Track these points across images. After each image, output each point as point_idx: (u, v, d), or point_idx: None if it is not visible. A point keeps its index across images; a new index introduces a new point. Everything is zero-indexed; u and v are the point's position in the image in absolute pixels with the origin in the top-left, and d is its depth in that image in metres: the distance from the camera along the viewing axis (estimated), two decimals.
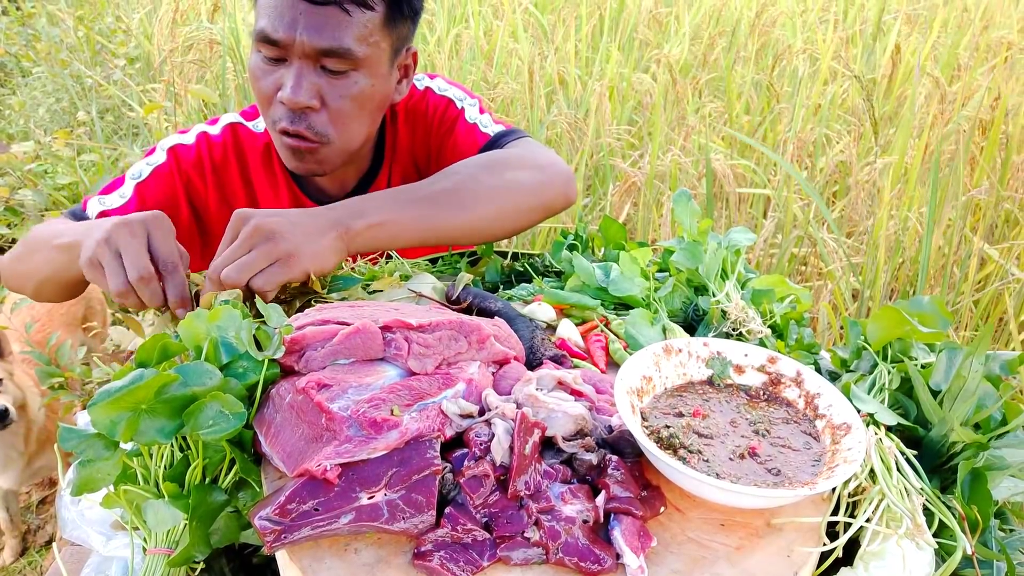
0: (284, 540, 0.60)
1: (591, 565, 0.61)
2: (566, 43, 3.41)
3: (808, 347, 0.97)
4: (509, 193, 1.12)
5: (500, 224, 1.11)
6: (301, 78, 1.07)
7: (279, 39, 1.06)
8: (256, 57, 1.11)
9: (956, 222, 2.40)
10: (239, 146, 1.31)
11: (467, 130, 1.31)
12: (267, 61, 1.10)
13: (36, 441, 2.03)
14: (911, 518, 0.67)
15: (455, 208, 1.06)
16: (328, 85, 1.10)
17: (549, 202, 1.17)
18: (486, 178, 1.11)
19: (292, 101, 1.08)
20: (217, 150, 1.29)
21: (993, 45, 3.36)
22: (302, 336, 0.75)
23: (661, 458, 0.66)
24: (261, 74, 1.11)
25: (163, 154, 1.26)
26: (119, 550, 0.74)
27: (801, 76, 3.04)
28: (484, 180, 1.10)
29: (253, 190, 1.32)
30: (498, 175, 1.12)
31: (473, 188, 1.09)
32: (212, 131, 1.29)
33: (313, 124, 1.11)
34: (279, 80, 1.09)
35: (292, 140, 1.12)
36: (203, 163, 1.28)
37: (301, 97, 1.07)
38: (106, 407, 0.64)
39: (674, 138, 2.98)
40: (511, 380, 0.79)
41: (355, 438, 0.65)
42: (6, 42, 4.79)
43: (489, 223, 1.09)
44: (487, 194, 1.09)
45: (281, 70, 1.09)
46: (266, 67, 1.10)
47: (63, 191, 3.44)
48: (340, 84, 1.10)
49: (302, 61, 1.07)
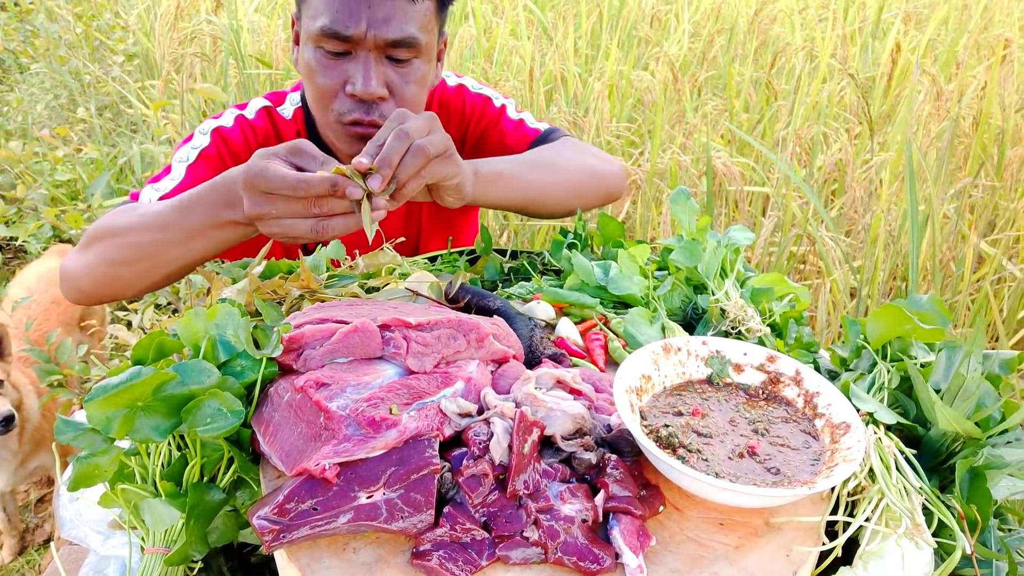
0: (282, 539, 0.60)
1: (590, 564, 0.61)
2: (566, 40, 3.40)
3: (807, 346, 0.97)
4: (586, 174, 1.28)
5: (578, 199, 1.25)
6: (371, 70, 1.11)
7: (349, 35, 1.08)
8: (315, 53, 1.12)
9: (945, 219, 2.40)
10: (277, 130, 1.33)
11: (514, 125, 1.40)
12: (329, 56, 1.12)
13: (31, 440, 2.02)
14: (910, 517, 0.67)
15: (552, 175, 1.21)
16: (395, 74, 1.14)
17: (610, 189, 1.32)
18: (572, 157, 1.27)
19: (367, 93, 1.11)
20: (260, 132, 1.31)
21: (992, 43, 3.35)
22: (300, 335, 0.75)
23: (660, 457, 0.66)
24: (323, 69, 1.13)
25: (206, 137, 1.26)
26: (117, 549, 0.74)
27: (799, 74, 3.04)
28: (570, 159, 1.26)
29: None
30: (579, 158, 1.29)
31: (563, 164, 1.25)
32: (248, 114, 1.31)
33: (385, 112, 1.14)
34: (344, 73, 1.12)
35: (363, 129, 1.15)
36: (249, 144, 1.29)
37: (375, 89, 1.11)
38: (102, 403, 0.64)
39: (674, 136, 2.97)
40: (510, 379, 0.79)
41: (354, 437, 0.65)
42: (4, 38, 4.78)
43: (572, 197, 1.24)
44: (573, 171, 1.25)
45: (344, 64, 1.12)
46: (328, 62, 1.12)
47: (62, 188, 3.43)
48: (405, 72, 1.14)
49: (370, 54, 1.10)
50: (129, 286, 1.08)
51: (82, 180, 3.42)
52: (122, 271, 1.06)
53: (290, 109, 1.34)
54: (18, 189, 3.13)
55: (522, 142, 1.37)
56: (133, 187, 3.37)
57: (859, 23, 3.82)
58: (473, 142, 1.42)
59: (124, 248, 1.04)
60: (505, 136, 1.39)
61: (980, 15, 3.78)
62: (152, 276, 1.05)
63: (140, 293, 1.11)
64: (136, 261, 1.04)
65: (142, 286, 1.07)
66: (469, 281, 1.04)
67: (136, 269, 1.04)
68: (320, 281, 0.98)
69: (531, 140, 1.37)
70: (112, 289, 1.09)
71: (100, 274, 1.08)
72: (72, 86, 4.13)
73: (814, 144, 2.69)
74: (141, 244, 1.02)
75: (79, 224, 2.76)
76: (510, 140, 1.38)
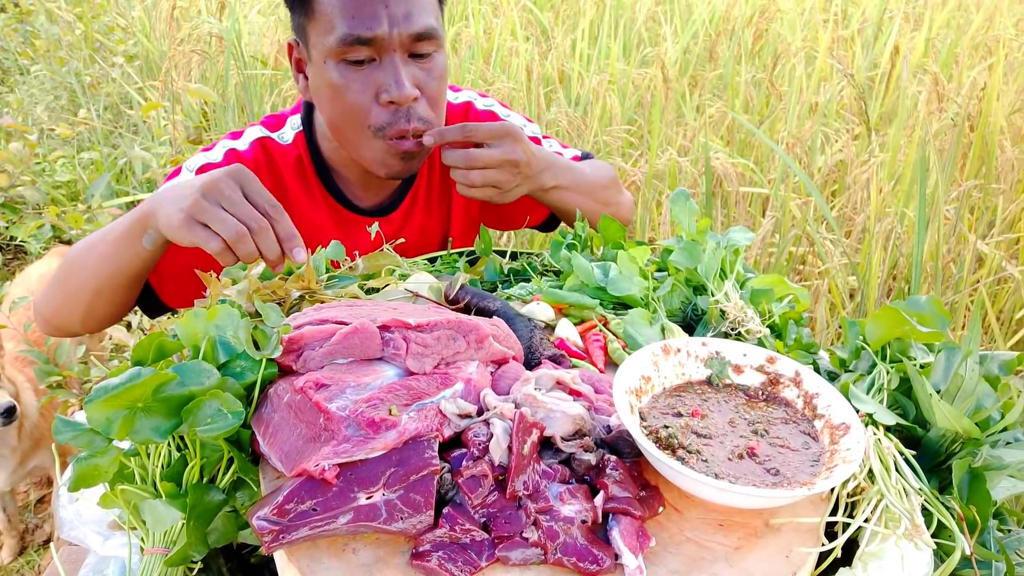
0: (282, 540, 0.60)
1: (589, 565, 0.61)
2: (565, 40, 3.41)
3: (807, 347, 0.97)
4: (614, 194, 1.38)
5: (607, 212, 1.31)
6: (402, 72, 1.07)
7: (373, 36, 1.04)
8: (339, 68, 1.08)
9: (947, 219, 2.40)
10: (271, 161, 1.26)
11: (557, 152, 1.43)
12: (354, 68, 1.07)
13: (30, 438, 2.02)
14: (910, 518, 0.67)
15: (596, 192, 1.31)
16: (421, 71, 1.10)
17: (624, 215, 1.40)
18: (605, 175, 1.36)
19: (403, 97, 1.07)
20: (248, 167, 1.26)
21: (991, 43, 3.36)
22: (300, 335, 0.75)
23: (660, 458, 0.66)
24: (352, 84, 1.08)
25: (191, 175, 1.19)
26: (117, 550, 0.74)
27: (798, 74, 3.04)
28: (605, 176, 1.36)
29: (289, 203, 1.28)
30: (609, 178, 1.37)
31: (603, 182, 1.34)
32: (240, 147, 1.25)
33: (421, 115, 1.11)
34: (375, 84, 1.08)
35: (410, 146, 1.12)
36: None
37: (409, 90, 1.07)
38: (102, 405, 0.64)
39: (672, 136, 2.97)
40: (509, 380, 0.79)
41: (353, 438, 0.65)
42: (4, 39, 4.78)
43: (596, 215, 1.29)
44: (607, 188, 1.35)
45: (372, 73, 1.08)
46: (355, 75, 1.07)
47: (61, 189, 3.43)
48: (429, 67, 1.11)
49: (396, 54, 1.07)
50: (70, 313, 1.12)
51: (82, 181, 3.42)
52: (67, 299, 1.11)
53: (290, 133, 1.28)
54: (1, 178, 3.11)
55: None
56: (133, 188, 3.37)
57: (860, 23, 3.82)
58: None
59: (68, 275, 1.10)
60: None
61: (980, 16, 3.78)
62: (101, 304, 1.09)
63: (84, 322, 1.13)
64: (73, 288, 1.09)
65: (80, 314, 1.12)
66: (469, 282, 1.04)
67: (74, 295, 1.09)
68: (320, 282, 0.98)
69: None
70: (63, 318, 1.14)
71: (55, 304, 1.14)
72: (73, 87, 4.13)
73: (813, 144, 2.69)
74: (75, 271, 1.08)
75: (80, 224, 2.76)
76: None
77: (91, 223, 2.83)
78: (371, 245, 1.16)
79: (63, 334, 1.19)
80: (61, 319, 1.14)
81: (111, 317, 1.14)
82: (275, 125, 1.29)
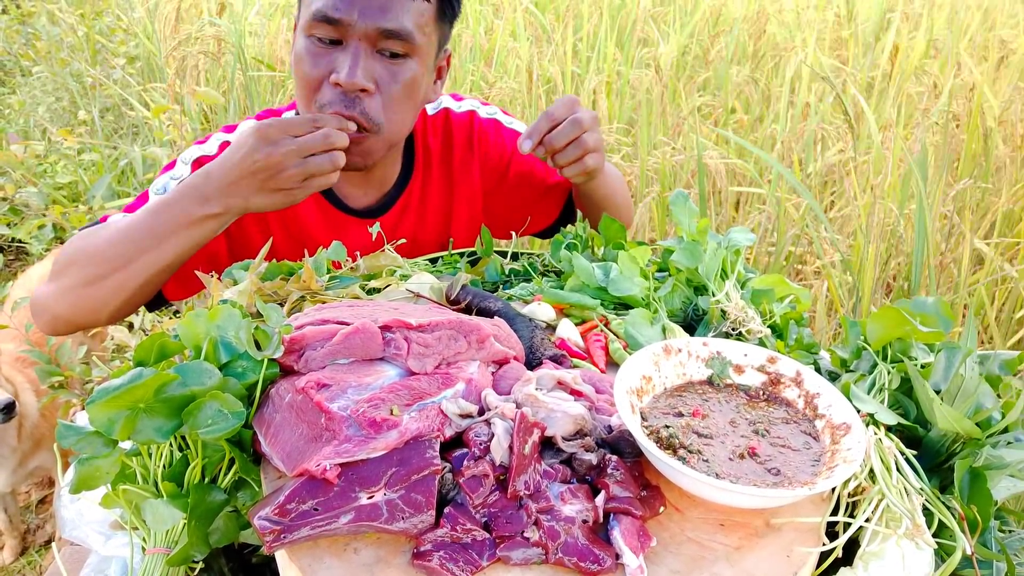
0: (283, 540, 0.60)
1: (590, 565, 0.61)
2: (564, 41, 3.40)
3: (808, 347, 0.97)
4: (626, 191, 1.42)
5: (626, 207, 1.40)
6: (358, 59, 1.07)
7: (341, 18, 1.05)
8: (306, 42, 1.09)
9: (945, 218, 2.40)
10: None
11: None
12: (319, 44, 1.08)
13: (30, 438, 2.02)
14: (911, 518, 0.67)
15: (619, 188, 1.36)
16: (384, 69, 1.10)
17: (631, 216, 1.45)
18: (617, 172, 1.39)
19: (350, 83, 1.07)
20: None
21: (991, 44, 3.35)
22: (301, 336, 0.75)
23: (661, 458, 0.66)
24: (312, 58, 1.09)
25: (187, 167, 1.23)
26: (118, 549, 0.74)
27: (792, 76, 3.04)
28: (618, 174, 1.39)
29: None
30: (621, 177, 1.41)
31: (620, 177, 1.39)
32: (233, 138, 1.25)
33: (367, 109, 1.10)
34: (332, 63, 1.08)
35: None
36: None
37: (359, 78, 1.07)
38: (104, 405, 0.64)
39: (667, 135, 2.97)
40: (511, 380, 0.79)
41: (354, 438, 0.65)
42: (6, 41, 4.79)
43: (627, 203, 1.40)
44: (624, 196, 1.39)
45: (334, 53, 1.08)
46: (318, 50, 1.09)
47: (63, 190, 3.44)
48: (395, 69, 1.10)
49: (361, 43, 1.07)
50: (104, 304, 1.08)
51: (83, 182, 3.43)
52: (96, 289, 1.07)
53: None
54: (7, 188, 3.12)
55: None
56: (135, 189, 3.38)
57: (861, 24, 3.82)
58: (514, 178, 1.40)
59: (96, 264, 1.06)
60: (551, 170, 1.36)
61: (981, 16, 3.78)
62: (127, 287, 1.06)
63: (115, 312, 1.10)
64: (109, 274, 1.05)
65: (117, 302, 1.08)
66: (470, 282, 1.05)
67: (110, 283, 1.06)
68: (321, 282, 0.98)
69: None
70: (87, 311, 1.10)
71: (75, 296, 1.09)
72: (74, 89, 4.14)
73: (807, 144, 2.69)
74: (113, 256, 1.05)
75: (83, 224, 2.76)
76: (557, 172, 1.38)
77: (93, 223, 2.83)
78: (362, 246, 1.16)
79: (75, 329, 1.15)
80: (83, 314, 1.11)
81: (137, 306, 1.13)
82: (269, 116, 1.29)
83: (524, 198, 1.43)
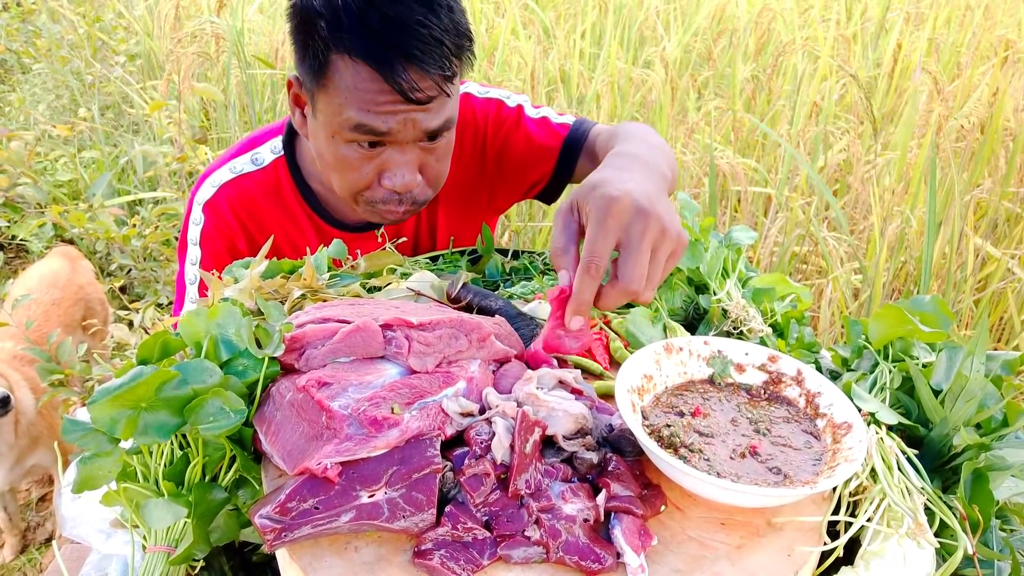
0: (284, 538, 0.60)
1: (591, 564, 0.61)
2: (567, 39, 3.40)
3: (809, 346, 0.97)
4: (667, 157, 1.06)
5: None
6: (409, 163, 1.07)
7: (387, 130, 1.02)
8: (346, 149, 1.06)
9: (957, 221, 2.40)
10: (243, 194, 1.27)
11: (538, 124, 1.32)
12: (361, 148, 1.06)
13: (27, 436, 2.02)
14: (912, 517, 0.67)
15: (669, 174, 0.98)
16: (425, 154, 1.09)
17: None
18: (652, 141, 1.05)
19: (406, 187, 1.08)
20: (220, 213, 1.26)
21: (994, 44, 3.35)
22: (302, 334, 0.75)
23: (662, 457, 0.66)
24: (359, 163, 1.07)
25: (197, 249, 1.25)
26: (119, 548, 0.74)
27: (801, 74, 3.03)
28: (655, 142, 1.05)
29: (266, 228, 1.28)
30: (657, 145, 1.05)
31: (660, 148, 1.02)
32: (208, 195, 1.25)
33: (417, 197, 1.12)
34: (380, 167, 1.07)
35: (395, 216, 1.14)
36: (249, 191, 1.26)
37: (414, 181, 1.08)
38: (106, 404, 0.64)
39: (676, 136, 2.97)
40: (511, 379, 0.79)
41: (355, 436, 0.65)
42: (6, 39, 4.79)
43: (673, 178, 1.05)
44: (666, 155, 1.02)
45: (380, 155, 1.06)
46: (362, 154, 1.06)
47: (63, 188, 3.44)
48: (436, 148, 1.09)
49: (407, 145, 1.06)
50: None
51: (83, 180, 3.43)
52: None
53: (268, 156, 1.26)
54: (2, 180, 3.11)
55: (552, 140, 1.30)
56: (134, 188, 3.37)
57: (862, 23, 3.82)
58: (495, 153, 1.34)
59: None
60: (532, 138, 1.31)
61: (982, 15, 3.77)
62: None
63: None
64: None
65: None
66: (471, 281, 1.04)
67: None
68: (322, 281, 0.98)
69: (562, 137, 1.30)
70: None
71: None
72: (74, 86, 4.13)
73: (815, 143, 2.69)
74: None
75: (82, 223, 2.76)
76: (540, 141, 1.30)
77: (93, 222, 2.83)
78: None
79: None
80: None
81: None
82: (249, 146, 1.28)
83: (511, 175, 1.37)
